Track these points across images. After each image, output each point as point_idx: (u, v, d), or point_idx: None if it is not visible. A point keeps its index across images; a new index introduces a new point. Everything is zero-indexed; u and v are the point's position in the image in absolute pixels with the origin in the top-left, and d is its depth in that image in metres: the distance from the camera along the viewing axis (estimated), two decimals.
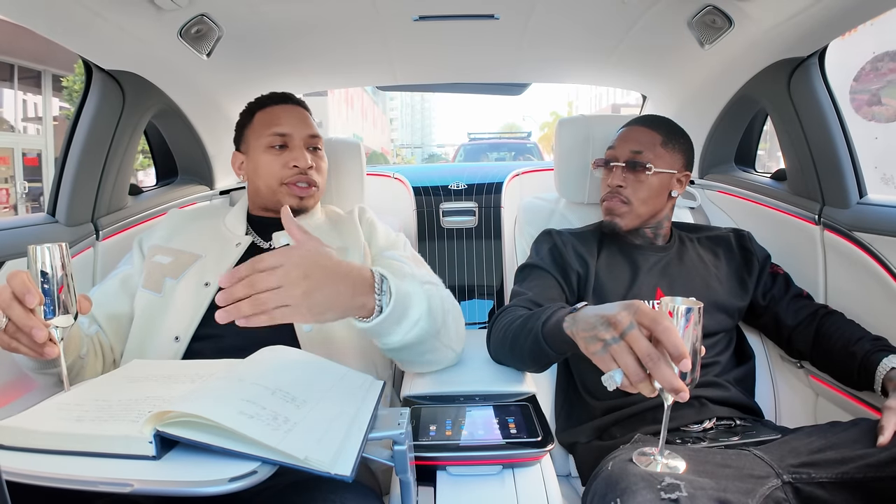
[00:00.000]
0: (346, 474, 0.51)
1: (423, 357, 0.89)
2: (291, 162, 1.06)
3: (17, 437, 0.53)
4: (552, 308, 0.81)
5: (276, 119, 1.09)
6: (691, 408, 0.93)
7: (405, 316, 0.76)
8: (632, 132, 1.11)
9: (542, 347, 0.80)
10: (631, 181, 1.07)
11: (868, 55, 5.21)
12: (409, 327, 0.77)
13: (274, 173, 1.07)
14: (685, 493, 0.61)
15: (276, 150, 1.08)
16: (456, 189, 1.82)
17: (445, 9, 1.20)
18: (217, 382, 0.59)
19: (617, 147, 1.11)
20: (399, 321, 0.76)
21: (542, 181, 1.67)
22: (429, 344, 0.85)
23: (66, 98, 10.85)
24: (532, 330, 0.83)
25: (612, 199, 1.09)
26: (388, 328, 0.75)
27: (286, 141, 1.08)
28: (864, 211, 1.07)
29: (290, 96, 1.15)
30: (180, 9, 1.04)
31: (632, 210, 1.08)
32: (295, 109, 1.12)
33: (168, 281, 0.96)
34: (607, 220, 1.12)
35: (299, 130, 1.09)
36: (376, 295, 0.72)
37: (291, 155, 1.07)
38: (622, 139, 1.11)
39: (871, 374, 0.89)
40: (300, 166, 1.06)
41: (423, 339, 0.82)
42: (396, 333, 0.77)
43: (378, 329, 0.74)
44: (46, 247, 0.65)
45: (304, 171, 1.07)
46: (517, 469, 0.74)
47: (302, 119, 1.11)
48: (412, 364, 0.93)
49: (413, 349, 0.83)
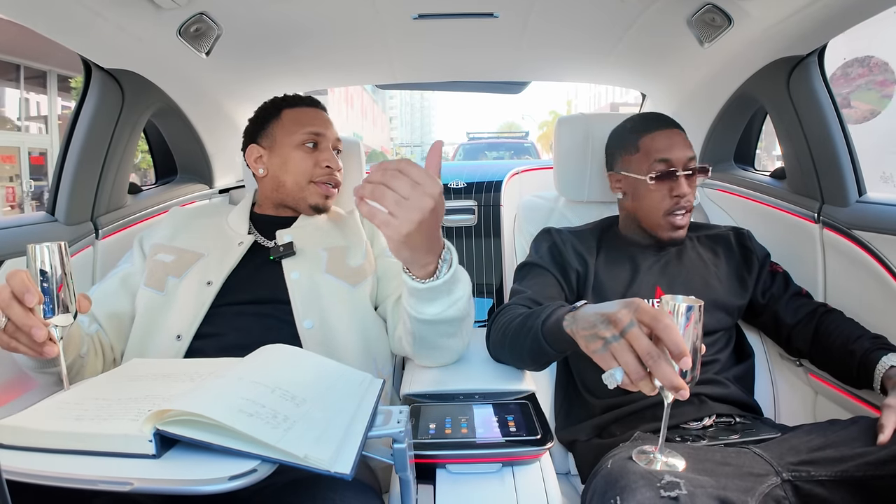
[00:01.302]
0: (346, 472, 0.51)
1: (445, 341, 0.90)
2: (324, 162, 1.10)
3: (16, 436, 0.53)
4: (552, 307, 0.81)
5: (311, 119, 1.12)
6: (691, 405, 0.93)
7: (453, 290, 0.80)
8: (678, 136, 1.06)
9: (541, 346, 0.80)
10: (690, 187, 1.04)
11: (840, 61, 5.52)
12: (451, 302, 0.81)
13: (306, 171, 1.09)
14: (685, 491, 0.61)
15: (308, 149, 1.10)
16: (455, 188, 1.82)
17: (445, 7, 1.20)
18: (217, 381, 0.59)
19: (674, 153, 1.04)
20: (448, 292, 0.79)
21: (541, 180, 1.67)
22: (455, 326, 0.87)
23: (75, 98, 10.87)
24: (532, 329, 0.83)
25: (681, 211, 1.04)
26: (436, 295, 0.79)
27: (319, 140, 1.11)
28: (864, 209, 1.07)
29: (319, 102, 1.19)
30: (179, 7, 1.04)
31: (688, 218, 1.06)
32: (325, 114, 1.17)
33: (171, 279, 0.96)
34: (675, 237, 1.05)
35: (331, 133, 1.14)
36: (440, 260, 0.76)
37: (323, 155, 1.10)
38: (677, 145, 1.05)
39: (870, 373, 0.89)
40: (332, 167, 1.10)
41: (456, 319, 0.84)
42: (440, 304, 0.80)
43: (428, 293, 0.78)
44: (46, 246, 0.65)
45: (333, 173, 1.11)
46: (517, 467, 0.74)
47: (326, 122, 1.15)
48: (429, 348, 0.93)
49: (442, 328, 0.86)
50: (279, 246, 1.01)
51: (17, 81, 10.85)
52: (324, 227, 1.10)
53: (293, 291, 0.95)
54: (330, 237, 1.08)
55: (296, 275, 0.97)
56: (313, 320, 0.93)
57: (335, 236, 1.08)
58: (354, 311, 0.98)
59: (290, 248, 1.00)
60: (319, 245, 1.04)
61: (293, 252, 1.00)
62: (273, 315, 0.93)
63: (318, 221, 1.12)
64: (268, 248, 1.03)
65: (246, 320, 0.92)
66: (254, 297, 0.95)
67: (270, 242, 1.04)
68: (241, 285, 0.96)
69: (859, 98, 5.78)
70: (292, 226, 1.08)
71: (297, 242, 1.02)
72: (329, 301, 0.96)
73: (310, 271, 0.98)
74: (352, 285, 1.00)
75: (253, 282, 0.97)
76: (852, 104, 5.77)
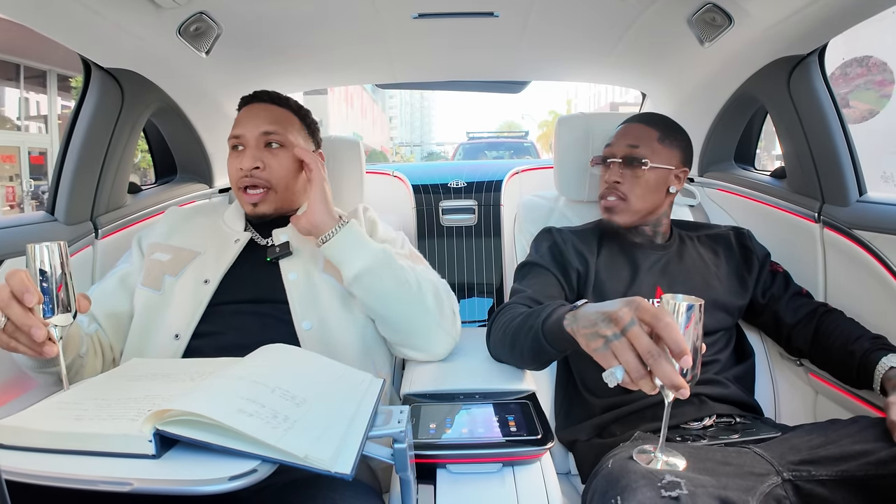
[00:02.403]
0: (346, 472, 0.51)
1: (400, 310, 0.95)
2: (237, 165, 1.01)
3: (16, 436, 0.53)
4: (552, 306, 0.81)
5: (237, 120, 1.05)
6: (691, 405, 0.93)
7: (363, 244, 0.93)
8: (629, 129, 1.12)
9: (542, 345, 0.80)
10: (628, 177, 1.07)
11: (838, 61, 5.56)
12: (367, 255, 0.92)
13: (233, 178, 1.04)
14: (685, 490, 0.61)
15: (234, 153, 1.04)
16: (455, 187, 1.82)
17: (445, 6, 1.20)
18: (216, 381, 0.59)
19: (614, 144, 1.12)
20: (356, 245, 0.93)
21: (541, 179, 1.67)
22: (394, 287, 0.93)
23: (75, 97, 10.88)
24: (532, 328, 0.83)
25: (610, 196, 1.10)
26: (338, 251, 0.93)
27: (241, 142, 1.03)
28: (864, 209, 1.07)
29: (258, 94, 1.09)
30: (179, 6, 1.04)
31: (629, 206, 1.08)
32: (256, 107, 1.06)
33: (167, 278, 0.96)
34: (605, 218, 1.12)
35: (251, 129, 1.02)
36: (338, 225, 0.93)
37: (239, 158, 1.01)
38: (619, 136, 1.12)
39: (870, 373, 0.89)
40: (243, 168, 1.00)
41: (384, 274, 0.92)
42: (350, 262, 0.92)
43: (332, 251, 0.93)
44: (45, 245, 0.65)
45: (248, 174, 1.00)
46: (517, 467, 0.74)
47: (258, 115, 1.04)
48: (390, 325, 0.97)
49: (376, 287, 0.93)
50: (276, 246, 1.01)
51: (17, 81, 10.85)
52: None
53: (291, 292, 0.95)
54: None
55: (293, 276, 0.97)
56: (312, 321, 0.93)
57: None
58: (353, 312, 0.97)
59: (287, 248, 1.00)
60: None
61: (290, 252, 1.00)
62: (271, 314, 0.93)
63: None
64: (265, 246, 1.03)
65: (244, 319, 0.92)
66: (251, 296, 0.95)
67: (267, 240, 1.04)
68: (238, 284, 0.96)
69: (858, 98, 5.82)
70: (288, 224, 1.07)
71: (293, 242, 1.01)
72: (327, 301, 0.96)
73: (307, 272, 0.98)
74: None
75: (250, 281, 0.97)
76: (851, 104, 5.81)
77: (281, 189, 1.03)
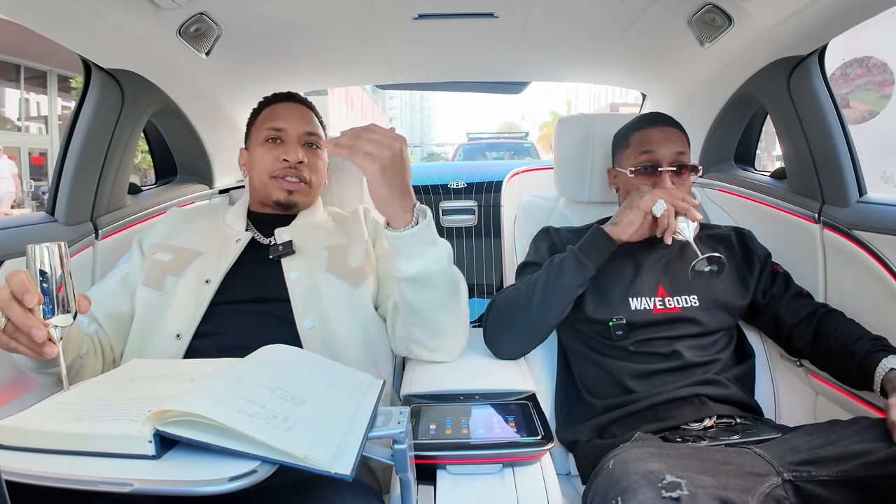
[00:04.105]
0: (346, 473, 0.51)
1: (437, 315, 0.92)
2: (282, 156, 1.08)
3: (16, 437, 0.53)
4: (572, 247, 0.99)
5: (275, 115, 1.11)
6: (691, 405, 0.93)
7: (433, 244, 0.85)
8: (670, 134, 1.06)
9: (578, 264, 0.96)
10: (677, 185, 1.04)
11: (838, 62, 5.69)
12: (434, 257, 0.85)
13: (265, 166, 1.08)
14: (686, 491, 0.61)
15: (270, 145, 1.10)
16: (455, 188, 1.83)
17: (445, 7, 1.20)
18: (216, 381, 0.59)
19: (657, 150, 1.04)
20: (431, 242, 0.85)
21: (541, 180, 1.67)
22: (444, 291, 0.89)
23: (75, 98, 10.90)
24: (561, 262, 0.97)
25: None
26: (417, 246, 0.84)
27: (281, 136, 1.10)
28: (864, 209, 1.07)
29: (294, 95, 1.17)
30: (179, 7, 1.04)
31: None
32: (294, 107, 1.14)
33: (169, 278, 0.96)
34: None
35: (295, 126, 1.10)
36: (416, 211, 0.83)
37: (283, 149, 1.08)
38: (662, 142, 1.05)
39: (870, 375, 0.88)
40: (290, 160, 1.07)
41: (440, 276, 0.87)
42: (422, 258, 0.84)
43: (411, 241, 0.83)
44: (45, 246, 0.65)
45: (293, 166, 1.07)
46: (517, 468, 0.74)
47: (300, 115, 1.12)
48: (424, 325, 0.93)
49: (430, 292, 0.88)
50: (278, 244, 1.01)
51: (17, 82, 10.86)
52: (324, 226, 1.10)
53: (293, 291, 0.95)
54: (330, 236, 1.08)
55: (295, 274, 0.97)
56: (313, 320, 0.93)
57: (336, 235, 1.08)
58: (355, 312, 0.97)
59: (290, 246, 1.00)
60: (319, 244, 1.04)
61: (292, 251, 1.00)
62: (273, 314, 0.93)
63: (317, 219, 1.11)
64: (267, 245, 1.03)
65: (245, 319, 0.92)
66: (253, 295, 0.95)
67: (269, 240, 1.04)
68: (240, 283, 0.96)
69: (858, 98, 5.82)
70: (291, 224, 1.08)
71: (296, 241, 1.01)
72: (329, 301, 0.96)
73: (309, 270, 0.98)
74: (352, 285, 0.99)
75: (252, 280, 0.97)
76: (851, 104, 5.81)
77: (314, 186, 1.13)
